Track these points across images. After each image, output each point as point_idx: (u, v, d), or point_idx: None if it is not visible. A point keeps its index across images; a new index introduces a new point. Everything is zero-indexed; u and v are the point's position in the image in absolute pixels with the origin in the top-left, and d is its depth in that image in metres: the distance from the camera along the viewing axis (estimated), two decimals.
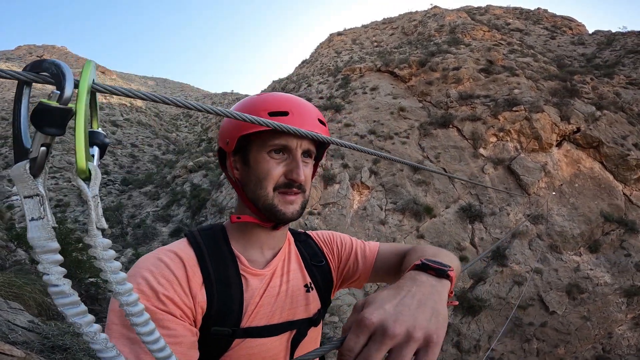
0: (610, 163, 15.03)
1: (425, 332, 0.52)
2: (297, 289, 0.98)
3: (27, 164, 0.39)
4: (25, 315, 3.59)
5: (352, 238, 1.19)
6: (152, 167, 48.08)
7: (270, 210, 0.89)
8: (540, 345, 10.19)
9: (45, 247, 0.39)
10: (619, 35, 33.58)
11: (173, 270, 0.79)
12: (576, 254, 12.41)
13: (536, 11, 50.69)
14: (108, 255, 0.43)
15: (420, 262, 0.70)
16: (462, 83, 20.68)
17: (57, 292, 0.39)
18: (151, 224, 22.45)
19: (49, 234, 0.39)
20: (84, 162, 0.41)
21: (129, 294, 0.45)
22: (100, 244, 0.42)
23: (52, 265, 0.39)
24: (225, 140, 0.91)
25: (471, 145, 16.59)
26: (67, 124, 0.40)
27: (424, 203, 14.06)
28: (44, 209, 0.39)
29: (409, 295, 0.58)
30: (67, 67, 0.41)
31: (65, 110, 0.39)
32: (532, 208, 13.75)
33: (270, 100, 0.90)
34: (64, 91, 0.39)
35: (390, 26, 49.32)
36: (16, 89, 0.42)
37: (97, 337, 0.41)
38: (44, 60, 0.42)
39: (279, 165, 0.89)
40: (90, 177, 0.42)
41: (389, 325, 0.51)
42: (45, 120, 0.38)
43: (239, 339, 0.85)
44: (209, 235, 0.93)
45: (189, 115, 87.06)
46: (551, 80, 20.28)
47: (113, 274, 0.43)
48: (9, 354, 2.48)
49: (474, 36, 30.22)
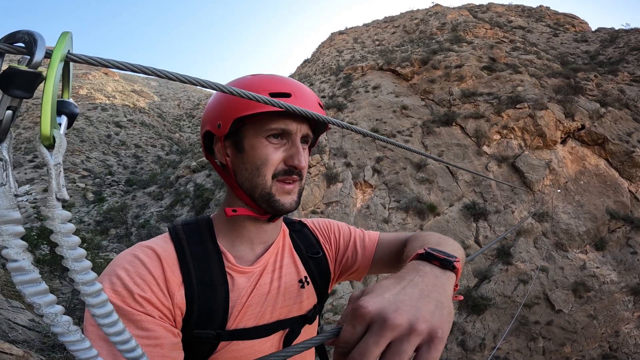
0: (615, 160, 14.91)
1: (429, 326, 0.46)
2: (290, 285, 0.92)
3: None
4: (26, 314, 3.58)
5: (351, 227, 1.13)
6: (155, 168, 48.36)
7: (268, 200, 0.83)
8: (547, 343, 10.12)
9: (6, 217, 0.35)
10: (622, 33, 33.37)
11: (149, 268, 0.73)
12: (582, 251, 12.31)
13: (538, 8, 50.48)
14: (66, 229, 0.39)
15: (423, 252, 0.63)
16: (465, 81, 20.60)
17: (16, 267, 0.35)
18: (155, 224, 22.57)
19: (10, 202, 0.36)
20: (49, 128, 0.39)
21: (86, 271, 0.41)
22: (58, 215, 0.38)
23: (12, 237, 0.36)
24: (216, 123, 0.82)
25: (475, 143, 16.51)
26: (35, 88, 0.39)
27: (427, 201, 14.00)
28: (7, 175, 0.37)
29: (410, 285, 0.52)
30: (41, 35, 0.40)
31: (34, 74, 0.38)
32: (537, 206, 13.66)
33: (270, 80, 0.83)
34: (34, 56, 0.38)
35: (392, 24, 49.30)
36: None
37: (58, 319, 0.37)
38: (18, 31, 0.41)
39: (277, 150, 0.83)
40: (54, 145, 0.39)
41: (389, 315, 0.45)
42: (12, 83, 0.37)
43: (225, 342, 0.79)
44: (193, 230, 0.87)
45: (192, 116, 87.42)
46: (555, 78, 20.16)
47: (70, 249, 0.39)
48: (8, 352, 2.46)
49: (476, 34, 30.15)
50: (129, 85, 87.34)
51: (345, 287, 10.74)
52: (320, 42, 58.08)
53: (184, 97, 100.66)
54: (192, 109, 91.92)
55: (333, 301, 10.30)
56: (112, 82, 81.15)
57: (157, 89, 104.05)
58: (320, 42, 57.15)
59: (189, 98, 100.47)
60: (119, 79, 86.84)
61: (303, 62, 56.09)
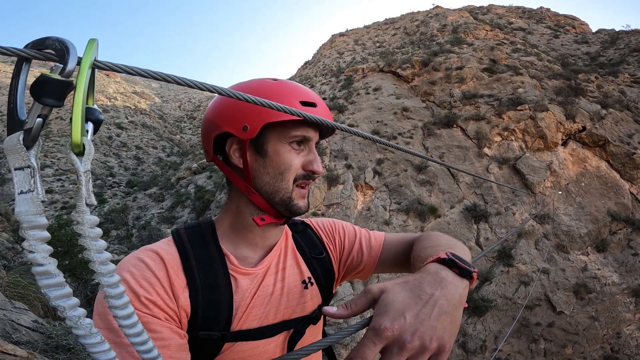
0: (616, 162, 14.91)
1: (440, 342, 0.52)
2: (293, 286, 0.93)
3: (21, 135, 0.38)
4: (30, 315, 3.58)
5: (355, 227, 1.13)
6: (156, 169, 48.37)
7: (287, 204, 0.85)
8: (548, 345, 10.11)
9: (33, 222, 0.37)
10: (622, 34, 33.43)
11: (154, 271, 0.74)
12: (583, 253, 12.30)
13: (539, 10, 50.58)
14: (94, 233, 0.41)
15: (446, 257, 0.64)
16: (466, 82, 20.61)
17: (42, 271, 0.37)
18: (156, 225, 22.57)
19: (38, 208, 0.37)
20: (79, 136, 0.40)
21: (111, 274, 0.42)
22: (88, 220, 0.40)
23: (39, 242, 0.37)
24: (240, 125, 0.80)
25: (475, 144, 16.51)
26: (66, 97, 0.39)
27: (428, 203, 14.00)
28: (35, 182, 0.38)
29: (430, 302, 0.55)
30: (72, 44, 0.40)
31: (66, 82, 0.38)
32: (538, 207, 13.66)
33: (296, 88, 0.85)
34: (67, 65, 0.39)
35: (393, 26, 49.37)
36: (15, 65, 0.41)
37: (81, 322, 0.38)
38: (48, 37, 0.42)
39: (298, 156, 0.85)
40: (83, 152, 0.41)
41: (407, 339, 0.51)
42: (44, 91, 0.37)
43: (229, 343, 0.80)
44: (196, 233, 0.87)
45: (193, 118, 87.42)
46: (555, 79, 20.17)
47: (97, 253, 0.41)
48: (12, 353, 2.47)
49: (477, 35, 30.17)
50: (130, 86, 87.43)
51: (346, 289, 10.73)
52: (320, 44, 58.20)
53: (185, 99, 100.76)
54: (193, 111, 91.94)
55: (334, 303, 10.28)
56: (114, 83, 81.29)
57: (158, 90, 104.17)
58: (321, 44, 57.29)
59: (190, 100, 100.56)
60: (120, 80, 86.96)
61: (304, 64, 56.15)
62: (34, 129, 0.38)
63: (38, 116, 0.38)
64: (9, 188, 32.69)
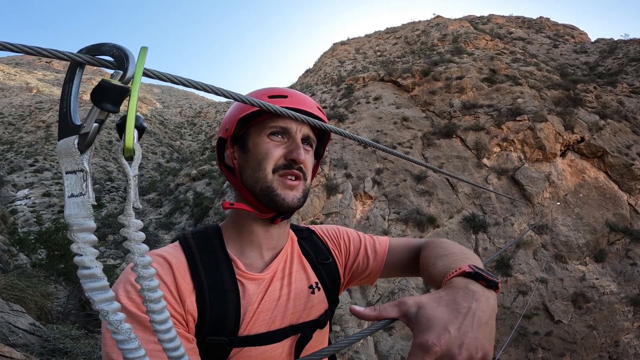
0: (615, 173, 14.94)
1: (483, 351, 0.54)
2: (300, 291, 0.94)
3: (76, 139, 0.39)
4: (27, 317, 3.58)
5: (360, 233, 1.15)
6: (155, 175, 48.33)
7: (269, 194, 0.85)
8: (546, 354, 10.05)
9: (83, 226, 0.38)
10: (621, 43, 33.60)
11: (161, 275, 0.76)
12: (581, 263, 12.28)
13: (538, 20, 50.92)
14: (139, 237, 0.42)
15: (472, 271, 0.66)
16: (466, 92, 20.69)
17: (89, 275, 0.38)
18: (154, 231, 22.45)
19: (88, 211, 0.39)
20: (132, 141, 0.42)
21: (151, 278, 0.44)
22: (134, 223, 0.42)
23: (87, 245, 0.38)
24: (225, 128, 0.90)
25: (475, 155, 16.54)
26: (122, 103, 0.41)
27: (427, 213, 13.99)
28: (86, 186, 0.39)
29: (469, 315, 0.57)
30: (130, 51, 0.42)
31: (125, 89, 0.40)
32: (536, 218, 13.66)
33: (275, 88, 0.92)
34: (127, 71, 0.40)
35: (394, 36, 49.69)
36: (68, 71, 0.42)
37: (121, 327, 0.40)
38: (104, 43, 0.43)
39: (278, 147, 0.87)
40: (133, 157, 0.42)
41: (455, 352, 0.52)
42: (104, 96, 0.39)
43: (237, 348, 0.81)
44: (203, 238, 0.89)
45: (193, 124, 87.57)
46: (554, 89, 20.26)
47: (140, 256, 0.43)
48: (8, 356, 2.47)
49: (477, 45, 30.37)
50: None
51: (344, 297, 10.70)
52: (322, 52, 58.49)
53: (185, 105, 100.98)
54: (193, 117, 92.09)
55: None
56: None
57: (160, 95, 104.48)
58: (322, 53, 57.55)
59: (190, 106, 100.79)
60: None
61: (305, 72, 56.32)
62: (91, 134, 0.40)
63: (96, 121, 0.40)
64: (6, 190, 32.63)
